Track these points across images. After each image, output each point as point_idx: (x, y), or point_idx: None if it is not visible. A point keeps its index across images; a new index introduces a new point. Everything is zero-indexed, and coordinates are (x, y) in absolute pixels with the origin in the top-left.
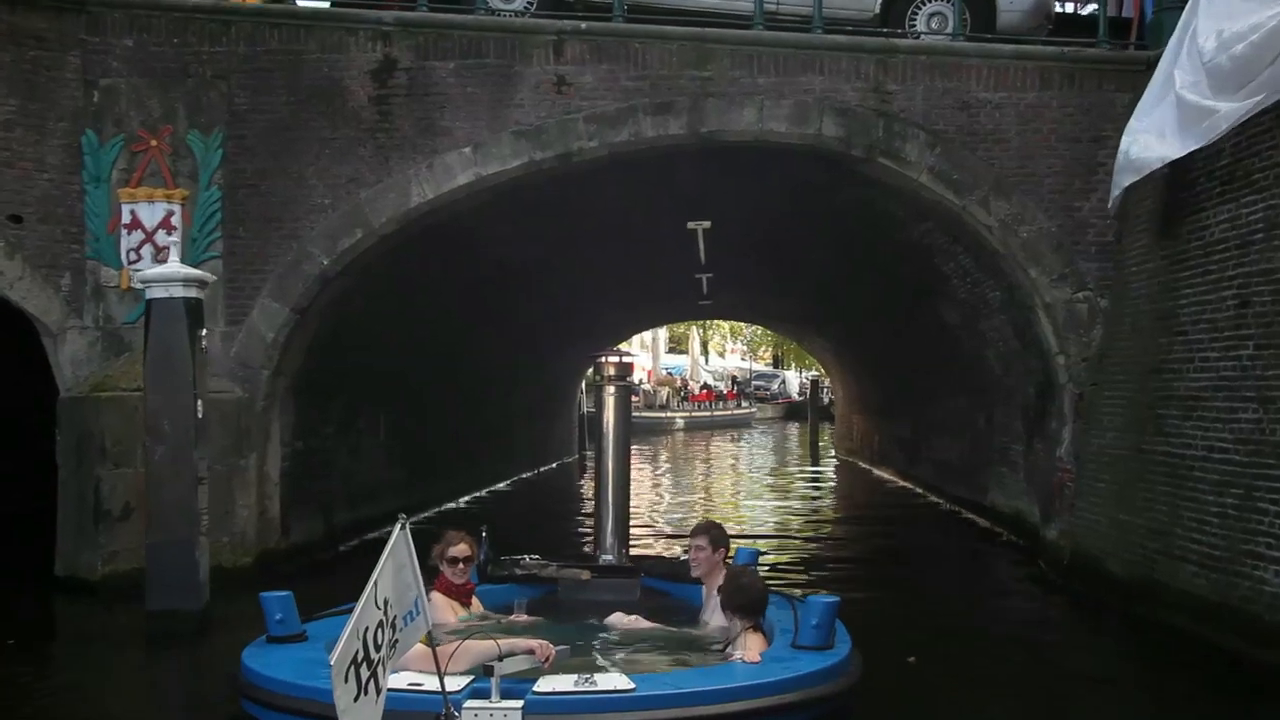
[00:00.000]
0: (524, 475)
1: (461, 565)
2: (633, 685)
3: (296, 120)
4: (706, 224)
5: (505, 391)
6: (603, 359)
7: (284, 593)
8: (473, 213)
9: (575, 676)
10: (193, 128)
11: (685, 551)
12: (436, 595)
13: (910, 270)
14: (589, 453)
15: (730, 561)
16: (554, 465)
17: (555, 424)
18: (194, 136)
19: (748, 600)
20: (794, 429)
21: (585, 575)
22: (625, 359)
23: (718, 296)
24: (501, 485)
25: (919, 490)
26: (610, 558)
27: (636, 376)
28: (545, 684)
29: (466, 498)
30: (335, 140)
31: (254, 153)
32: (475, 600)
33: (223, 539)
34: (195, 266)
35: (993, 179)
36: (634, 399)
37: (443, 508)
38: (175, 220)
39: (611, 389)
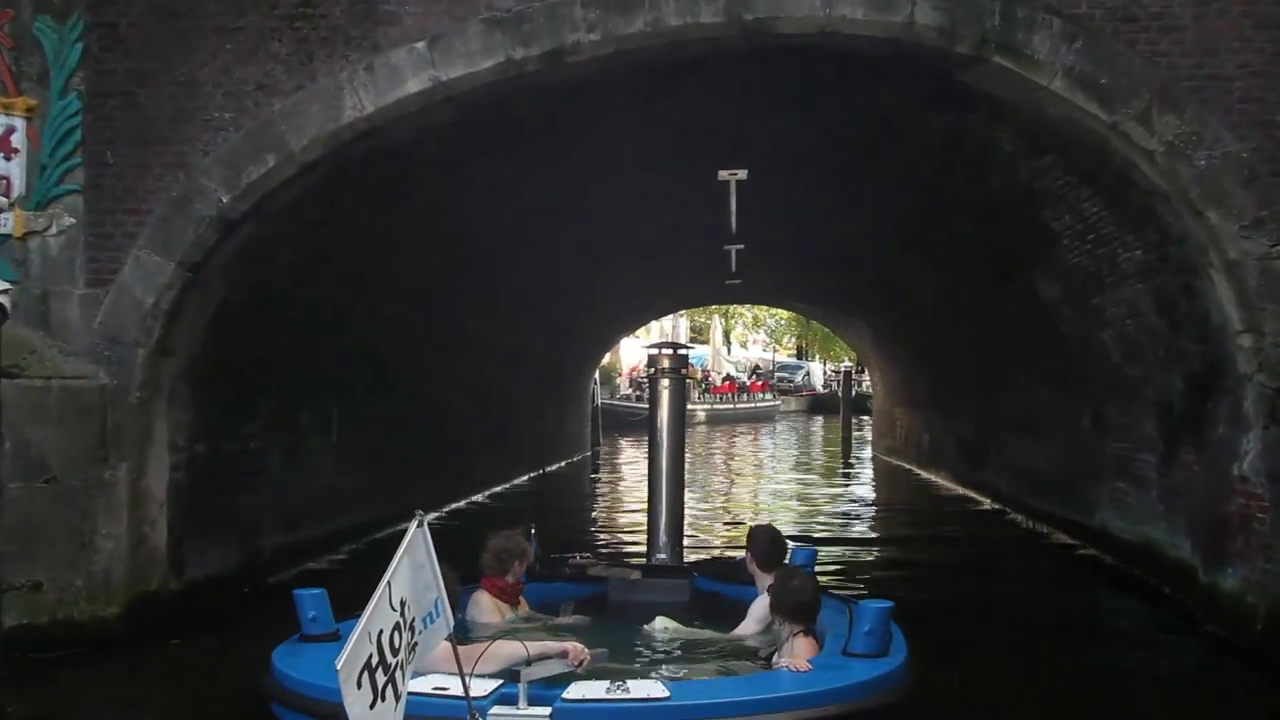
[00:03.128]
0: (527, 476)
1: (517, 564)
2: (667, 693)
3: (186, 3)
4: (741, 174)
5: (503, 380)
6: (657, 350)
7: (317, 590)
8: (435, 139)
9: (607, 683)
10: (41, 12)
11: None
12: (483, 596)
13: (1000, 231)
14: (602, 448)
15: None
16: (563, 464)
17: (565, 417)
18: (43, 25)
19: (797, 603)
20: (819, 423)
21: (635, 575)
22: (680, 351)
23: (748, 275)
24: (499, 489)
25: (986, 501)
26: (664, 556)
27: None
28: (575, 691)
29: (452, 506)
30: (239, 31)
31: (127, 47)
32: (522, 600)
33: (74, 583)
34: (47, 204)
35: (1158, 84)
36: None
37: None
38: (17, 140)
39: (665, 382)
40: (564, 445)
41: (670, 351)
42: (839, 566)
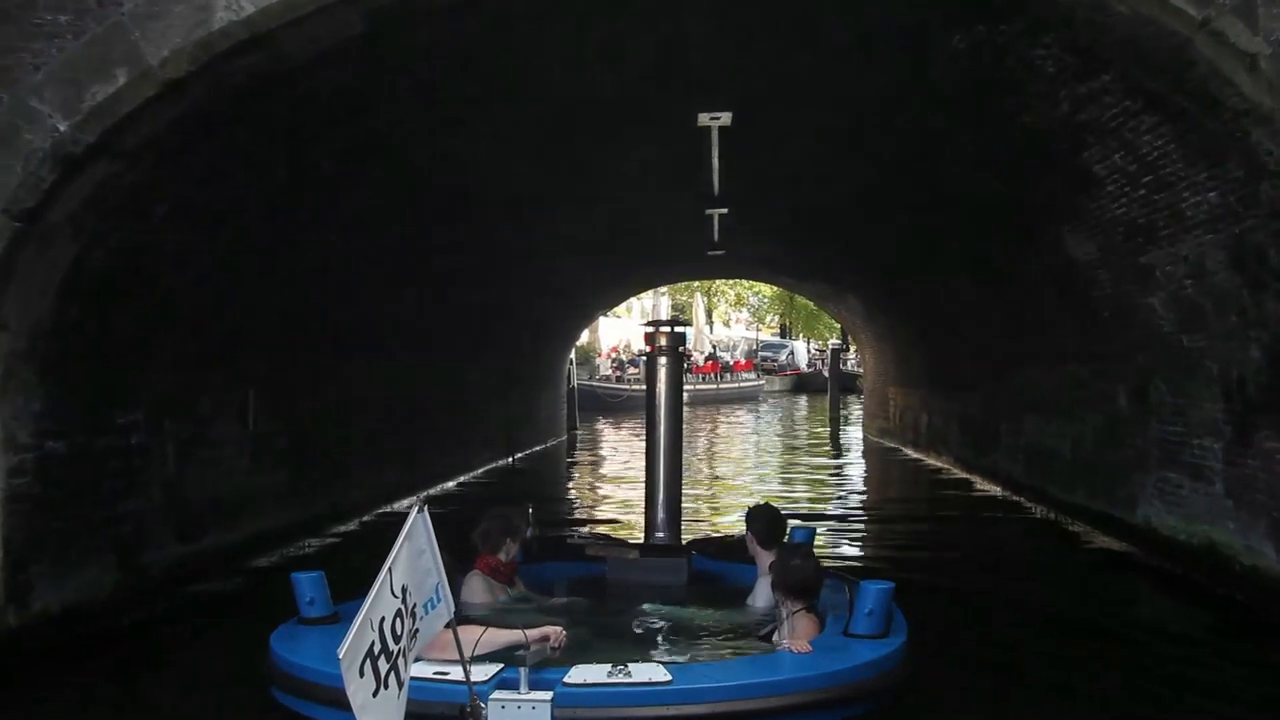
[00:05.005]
0: (494, 464)
1: (509, 542)
2: (669, 677)
3: None
4: (725, 118)
5: (464, 360)
6: (655, 328)
7: (315, 572)
8: (347, 63)
9: (609, 667)
10: None
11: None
12: (475, 578)
13: (1025, 182)
14: (580, 432)
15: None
16: (536, 449)
17: (538, 400)
18: None
19: (797, 581)
20: (804, 403)
21: (633, 554)
22: (678, 329)
23: (730, 245)
24: (459, 480)
25: (997, 490)
26: (662, 535)
27: (637, 347)
28: (577, 675)
29: (403, 503)
30: None
31: None
32: (518, 580)
33: None
34: None
35: None
36: (634, 371)
37: (363, 519)
38: None
39: (663, 360)
40: (536, 430)
41: (668, 329)
42: (829, 562)
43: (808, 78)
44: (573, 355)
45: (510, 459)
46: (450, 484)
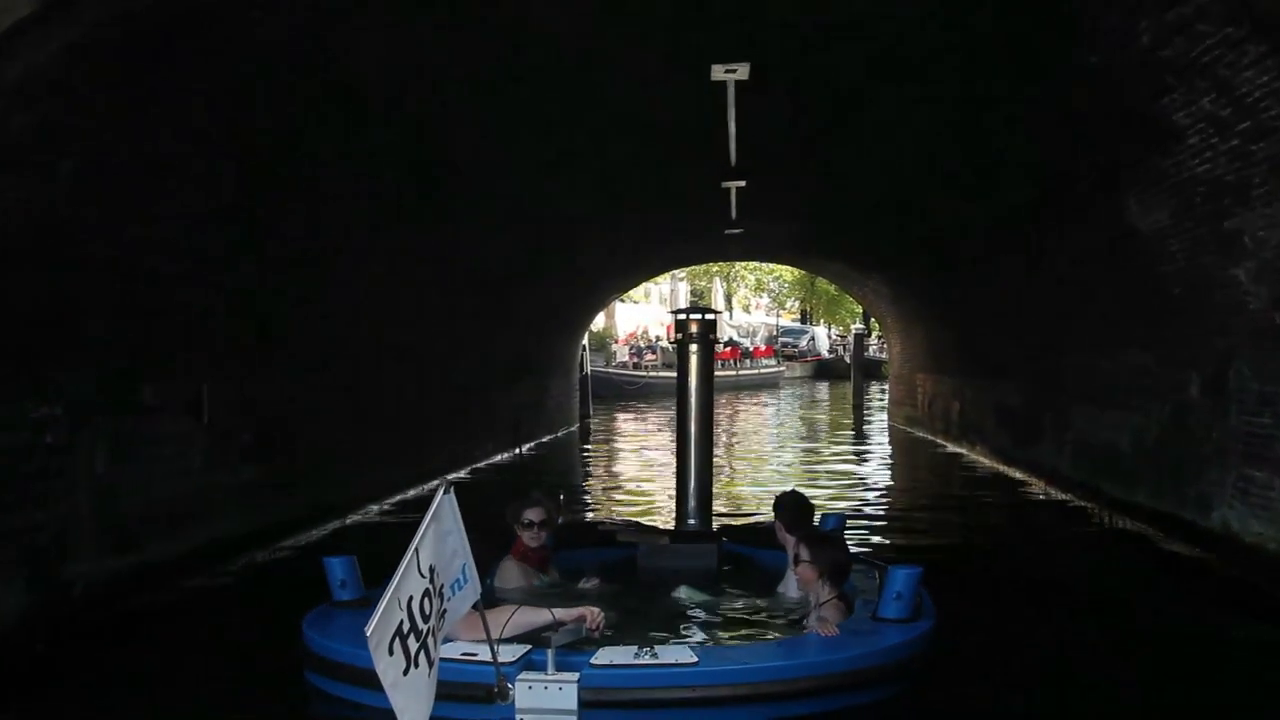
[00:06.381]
0: (500, 456)
1: (537, 529)
2: (695, 659)
3: None
4: (741, 70)
5: (467, 344)
6: (684, 315)
7: (347, 556)
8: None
9: (635, 648)
10: None
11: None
12: (510, 561)
13: (1084, 140)
14: (594, 420)
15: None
16: (546, 439)
17: (548, 387)
18: None
19: (824, 567)
20: (825, 388)
21: (664, 540)
22: (709, 315)
23: (750, 224)
24: (460, 473)
25: (1039, 484)
26: (693, 521)
27: (654, 333)
28: (603, 656)
29: (390, 501)
30: None
31: None
32: (550, 567)
33: None
34: None
35: None
36: (652, 357)
37: (346, 521)
38: None
39: (694, 347)
40: (547, 418)
41: (699, 316)
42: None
43: (833, 22)
44: (586, 341)
45: (516, 450)
46: (459, 472)
